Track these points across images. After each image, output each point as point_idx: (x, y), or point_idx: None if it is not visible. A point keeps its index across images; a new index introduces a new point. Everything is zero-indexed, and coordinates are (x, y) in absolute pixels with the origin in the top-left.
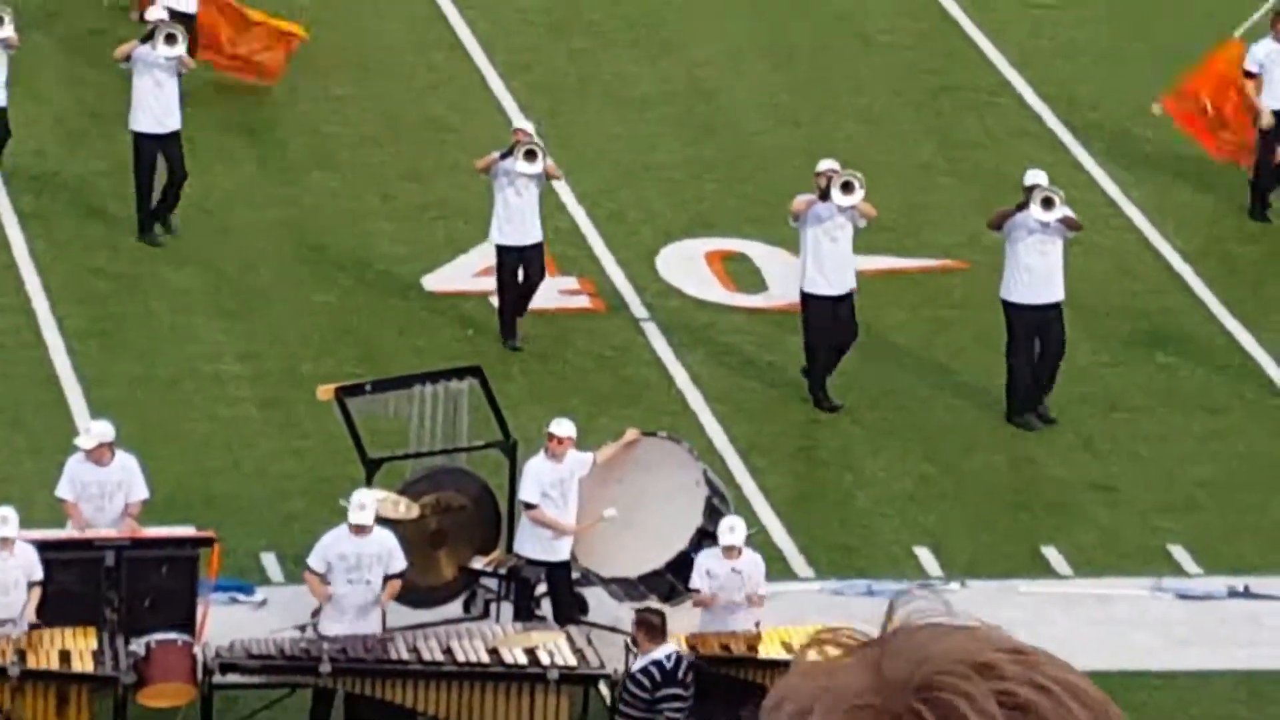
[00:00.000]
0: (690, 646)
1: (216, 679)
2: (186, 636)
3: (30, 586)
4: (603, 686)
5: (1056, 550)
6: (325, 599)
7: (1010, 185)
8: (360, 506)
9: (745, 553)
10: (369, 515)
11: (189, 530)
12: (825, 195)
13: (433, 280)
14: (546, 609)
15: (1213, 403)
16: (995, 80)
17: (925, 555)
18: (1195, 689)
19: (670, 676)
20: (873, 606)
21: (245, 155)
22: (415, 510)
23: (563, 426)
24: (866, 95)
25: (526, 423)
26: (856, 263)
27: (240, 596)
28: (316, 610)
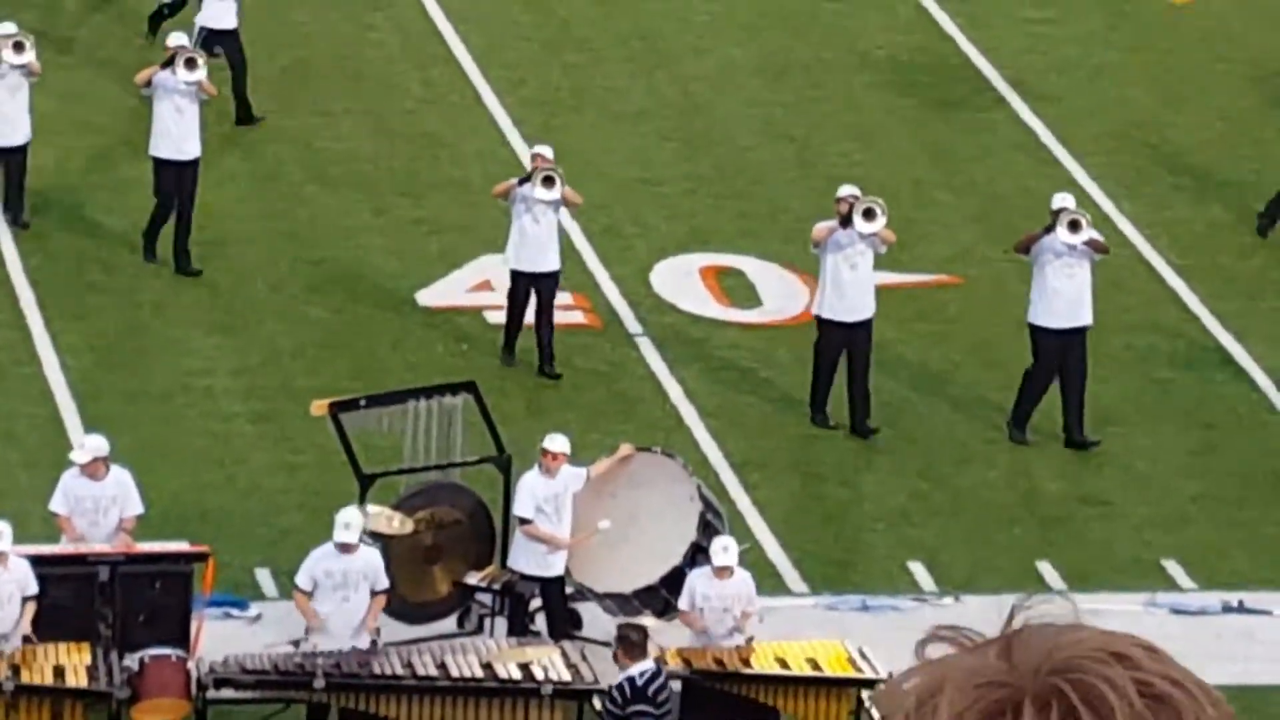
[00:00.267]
0: (683, 661)
1: (210, 694)
2: (180, 652)
3: (24, 601)
4: (596, 701)
5: (1051, 565)
6: (311, 619)
7: (1004, 201)
8: (345, 525)
9: (737, 573)
10: (354, 534)
11: (183, 545)
12: (846, 222)
13: (427, 295)
14: (541, 624)
15: (1207, 417)
16: (990, 96)
17: (919, 570)
18: None
19: (640, 693)
20: (867, 622)
21: (239, 170)
22: (409, 525)
23: (557, 442)
24: (860, 111)
25: (521, 438)
26: None
27: (234, 611)
28: (309, 629)
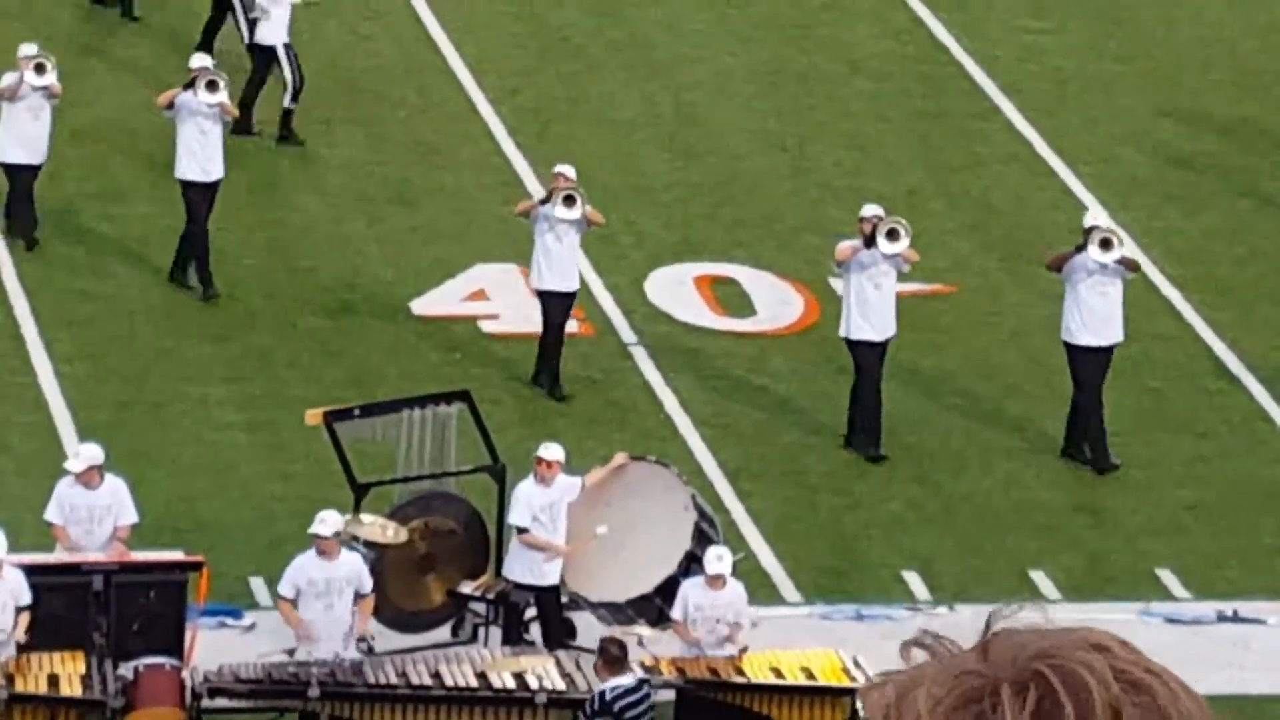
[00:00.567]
0: (677, 670)
1: (205, 703)
2: (175, 661)
3: (18, 611)
4: None
5: (1044, 574)
6: (297, 626)
7: (999, 211)
8: (321, 520)
9: (729, 583)
10: (329, 528)
11: (177, 554)
12: (870, 242)
13: (421, 304)
14: (535, 633)
15: (1201, 426)
16: (984, 105)
17: (914, 579)
18: None
19: (606, 708)
20: (861, 631)
21: (233, 178)
22: (403, 535)
23: (551, 451)
24: (854, 120)
25: (515, 447)
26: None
27: (229, 621)
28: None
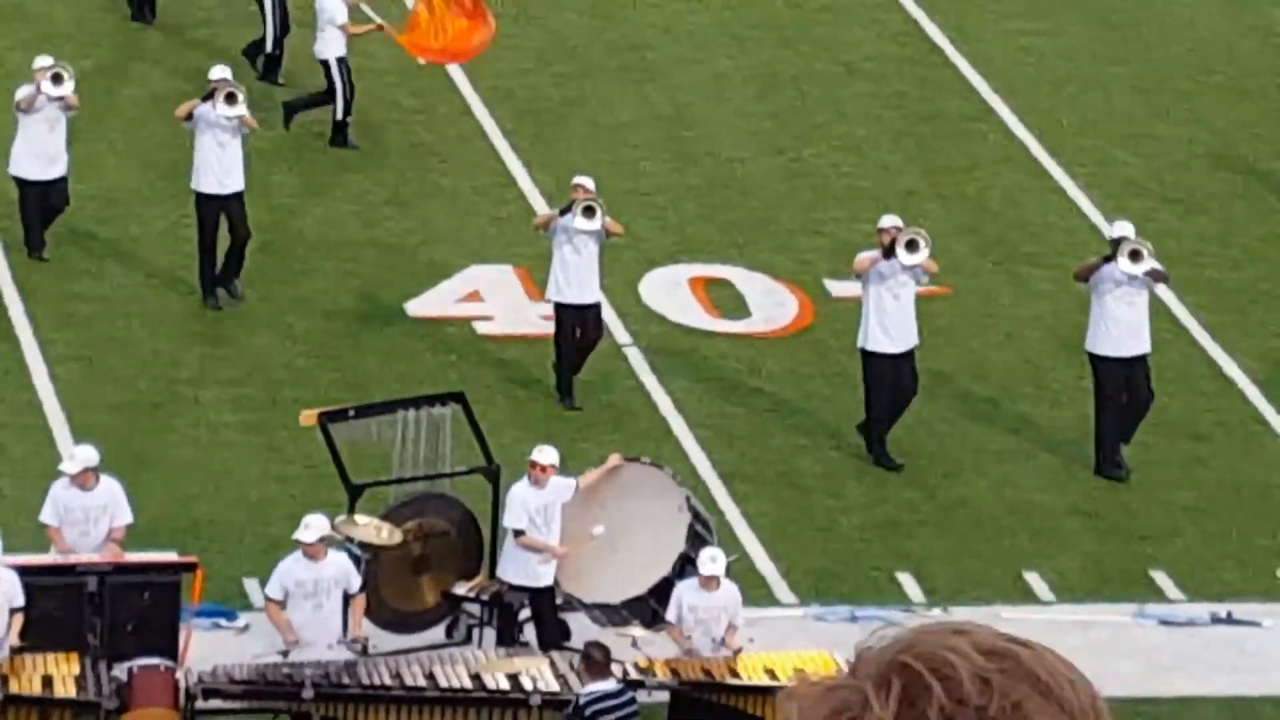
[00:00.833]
0: (671, 671)
1: (199, 704)
2: (169, 662)
3: (12, 612)
4: None
5: (1039, 576)
6: (284, 629)
7: (994, 212)
8: (306, 526)
9: (724, 584)
10: (313, 534)
11: (171, 556)
12: (889, 253)
13: (416, 306)
14: (530, 635)
15: (1195, 428)
16: (979, 107)
17: (908, 581)
18: (1178, 716)
19: (579, 713)
20: (856, 632)
21: None
22: (398, 536)
23: (545, 454)
24: (849, 122)
25: (509, 448)
26: (840, 289)
27: (223, 622)
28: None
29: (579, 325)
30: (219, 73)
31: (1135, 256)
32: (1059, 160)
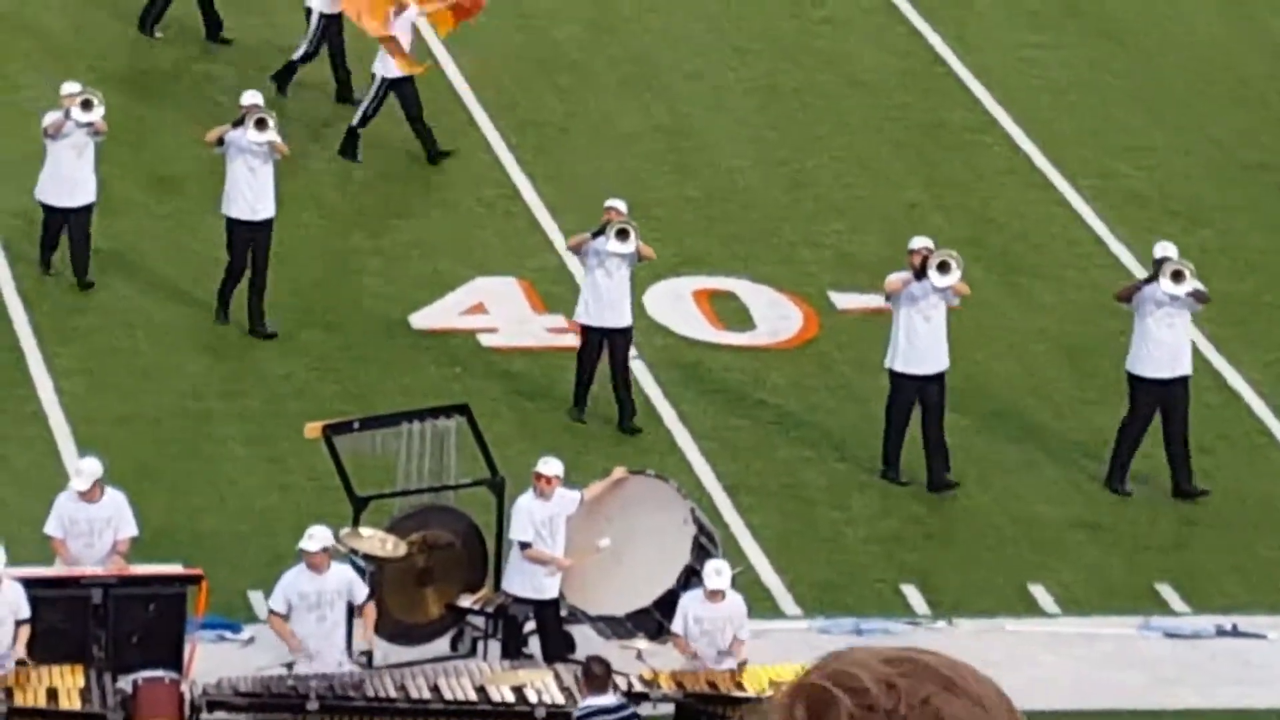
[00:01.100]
0: (676, 683)
1: (203, 716)
2: (174, 674)
3: (18, 625)
4: None
5: (1044, 589)
6: (289, 640)
7: (997, 224)
8: (309, 536)
9: (729, 596)
10: (317, 544)
11: (176, 568)
12: (920, 274)
13: (420, 318)
14: (534, 647)
15: (1199, 441)
16: (982, 119)
17: (912, 593)
18: None
19: None
20: (859, 645)
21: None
22: (402, 548)
23: (550, 465)
24: (852, 133)
25: (514, 460)
26: (844, 301)
27: (228, 634)
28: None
29: (609, 348)
30: (250, 98)
31: (1178, 277)
32: (1062, 172)
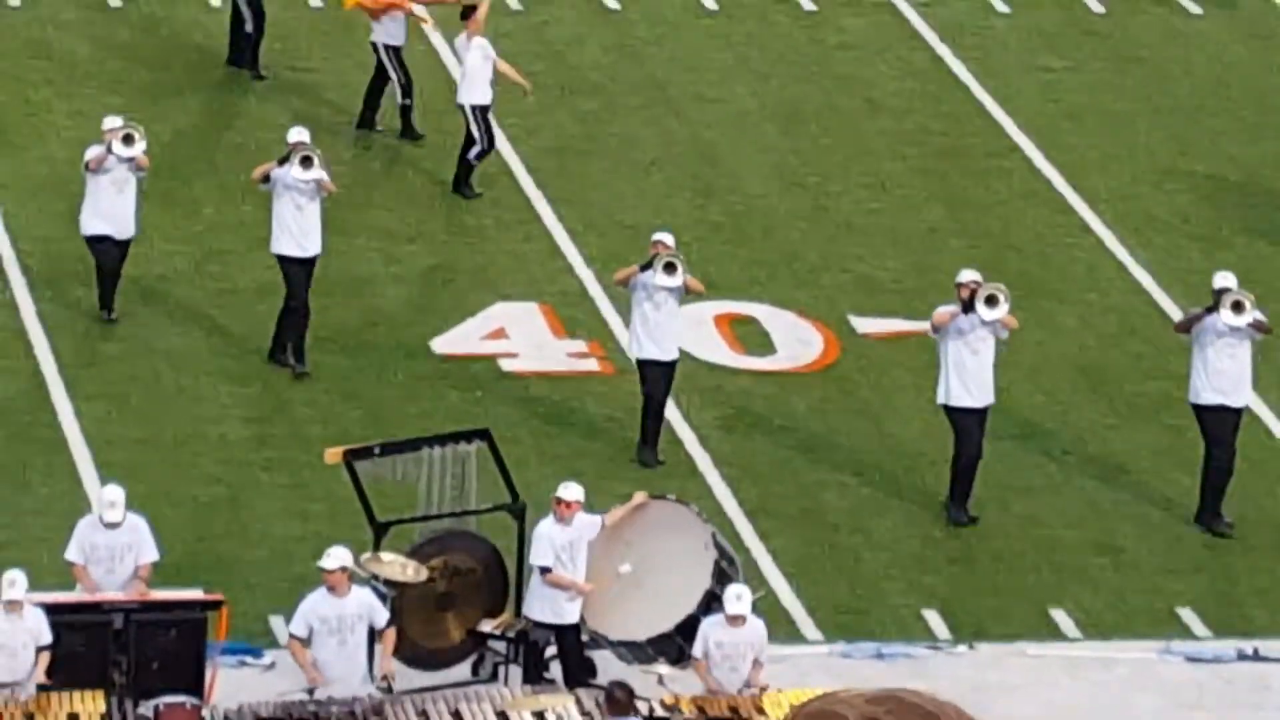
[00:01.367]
0: (698, 709)
1: None
2: (195, 699)
3: (39, 650)
4: None
5: (1065, 613)
6: (307, 666)
7: (1018, 248)
8: (328, 555)
9: (750, 621)
10: (334, 561)
11: (197, 593)
12: (968, 307)
13: (441, 343)
14: (555, 672)
15: None
16: (1003, 143)
17: (933, 617)
18: None
19: None
20: (881, 669)
21: (252, 218)
22: (423, 573)
23: (570, 490)
24: (874, 158)
25: (535, 485)
26: (864, 326)
27: (248, 659)
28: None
29: (664, 381)
30: (296, 135)
31: (1238, 308)
32: (1082, 196)
